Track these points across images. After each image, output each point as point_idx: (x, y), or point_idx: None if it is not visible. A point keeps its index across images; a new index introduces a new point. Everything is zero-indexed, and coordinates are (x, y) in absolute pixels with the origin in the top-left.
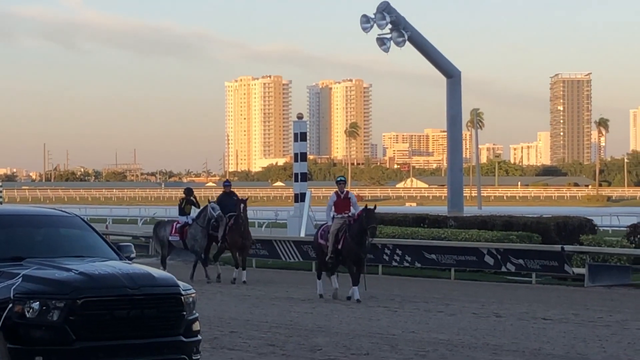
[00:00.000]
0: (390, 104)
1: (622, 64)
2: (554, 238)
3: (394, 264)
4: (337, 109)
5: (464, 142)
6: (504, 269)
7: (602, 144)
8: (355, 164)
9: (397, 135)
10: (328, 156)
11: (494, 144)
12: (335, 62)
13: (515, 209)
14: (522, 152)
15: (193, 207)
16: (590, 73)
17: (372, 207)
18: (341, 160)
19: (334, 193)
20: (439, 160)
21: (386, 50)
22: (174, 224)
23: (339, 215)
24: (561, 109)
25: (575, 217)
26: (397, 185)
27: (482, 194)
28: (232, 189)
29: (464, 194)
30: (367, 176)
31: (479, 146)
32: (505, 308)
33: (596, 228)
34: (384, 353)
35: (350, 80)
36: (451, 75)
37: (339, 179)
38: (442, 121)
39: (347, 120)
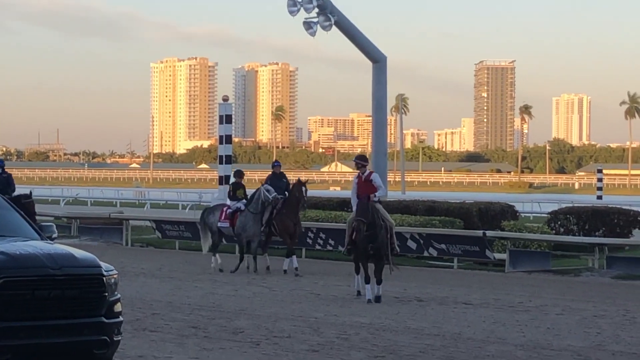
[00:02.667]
0: (316, 87)
1: (545, 52)
2: (476, 223)
3: (318, 247)
4: (263, 92)
5: (388, 127)
6: (426, 254)
7: (525, 131)
8: (280, 147)
9: (322, 119)
10: (253, 139)
11: (418, 130)
12: (262, 45)
13: (438, 194)
14: (446, 137)
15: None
16: (514, 61)
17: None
18: (266, 144)
19: (356, 176)
20: (364, 145)
21: (313, 34)
22: (224, 209)
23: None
24: (485, 95)
25: (497, 203)
26: (322, 169)
27: (405, 179)
28: (281, 170)
29: (388, 179)
30: (292, 160)
31: (404, 131)
32: (427, 292)
33: (517, 214)
34: (306, 336)
35: (277, 64)
36: (377, 60)
37: (357, 158)
38: (368, 106)
39: (272, 103)
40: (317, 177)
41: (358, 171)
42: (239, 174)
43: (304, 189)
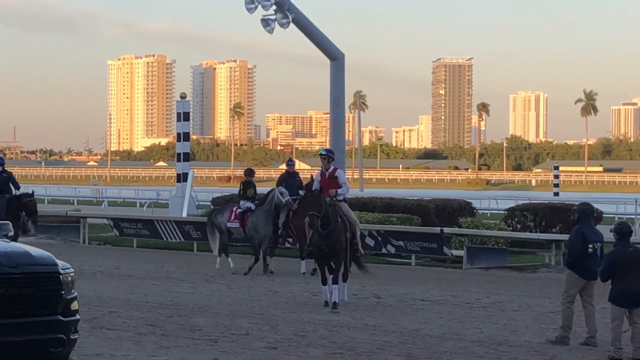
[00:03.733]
0: (274, 85)
1: (502, 50)
2: (433, 220)
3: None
4: (221, 89)
5: (346, 124)
6: (384, 251)
7: (483, 128)
8: (238, 144)
9: (280, 117)
10: (211, 136)
11: (376, 127)
12: (220, 42)
13: (396, 191)
14: (404, 135)
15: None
16: (472, 58)
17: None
18: (224, 141)
19: (319, 172)
20: (322, 142)
21: (270, 31)
22: (234, 209)
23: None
24: (443, 93)
25: (455, 200)
26: (280, 167)
27: (364, 176)
28: (295, 169)
29: (347, 176)
30: (250, 157)
31: (362, 129)
32: (385, 289)
33: (475, 211)
34: (264, 333)
35: (235, 61)
36: (335, 57)
37: (323, 152)
38: (326, 103)
39: (231, 100)
40: (276, 175)
41: (321, 167)
42: (250, 173)
43: None
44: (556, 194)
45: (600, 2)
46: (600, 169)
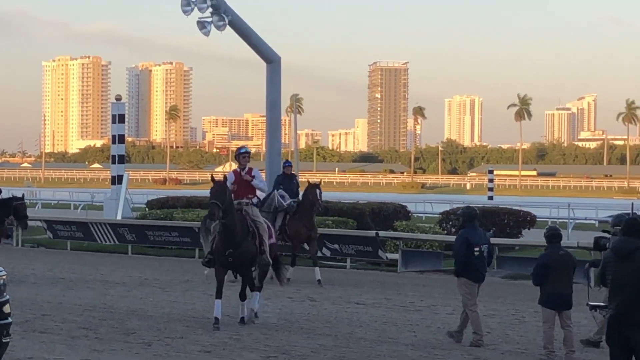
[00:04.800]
0: (210, 87)
1: (437, 54)
2: (369, 224)
3: None
4: (157, 91)
5: (283, 127)
6: (319, 254)
7: (418, 132)
8: (174, 147)
9: (216, 119)
10: (147, 139)
11: (312, 130)
12: (156, 44)
13: (332, 194)
14: (340, 138)
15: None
16: (408, 62)
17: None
18: (160, 143)
19: (232, 171)
20: (258, 145)
21: (207, 34)
22: None
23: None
24: (379, 96)
25: (390, 204)
26: (216, 169)
27: (300, 179)
28: (292, 171)
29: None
30: (186, 159)
31: (298, 132)
32: (320, 292)
33: (410, 214)
34: (198, 336)
35: (171, 63)
36: (271, 60)
37: (243, 150)
38: (262, 106)
39: (166, 103)
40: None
41: (237, 166)
42: None
43: (318, 191)
44: (490, 197)
45: (536, 7)
46: (534, 173)
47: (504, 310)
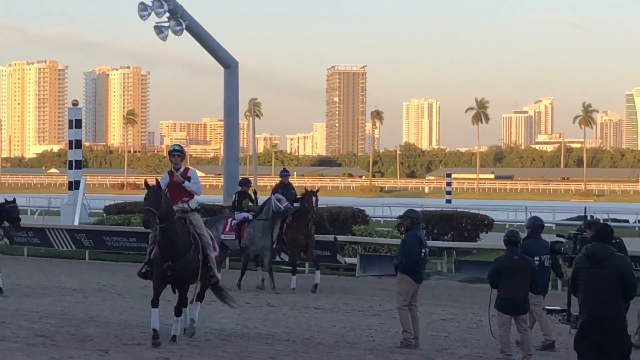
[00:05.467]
0: (168, 92)
1: (395, 58)
2: (327, 228)
3: None
4: (114, 96)
5: (241, 131)
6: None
7: (376, 135)
8: (132, 151)
9: (174, 124)
10: (104, 143)
11: (271, 134)
12: (113, 48)
13: None
14: (298, 142)
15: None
16: (366, 66)
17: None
18: (118, 148)
19: (166, 172)
20: (217, 149)
21: (164, 38)
22: (228, 220)
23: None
24: (337, 100)
25: (349, 208)
26: None
27: (258, 184)
28: (289, 180)
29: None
30: (144, 164)
31: (257, 136)
32: (278, 297)
33: (368, 218)
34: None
35: (128, 68)
36: (229, 65)
37: (176, 147)
38: (220, 110)
39: (124, 107)
40: None
41: (171, 166)
42: (246, 183)
43: (314, 199)
44: (448, 201)
45: (493, 12)
46: (492, 176)
47: (462, 314)
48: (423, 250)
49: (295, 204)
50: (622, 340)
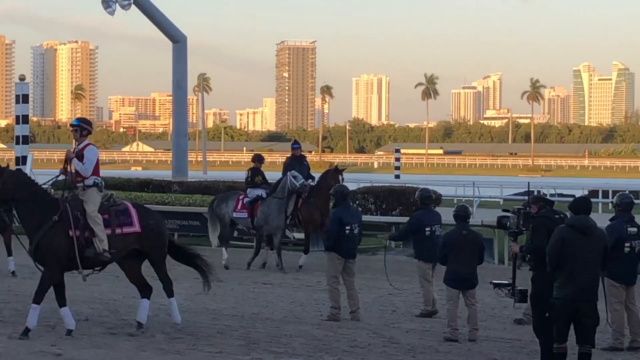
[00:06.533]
0: (117, 66)
1: (345, 33)
2: None
3: None
4: (62, 70)
5: (190, 106)
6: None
7: (326, 111)
8: None
9: (123, 99)
10: (52, 118)
11: (220, 109)
12: (61, 23)
13: (239, 174)
14: (248, 117)
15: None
16: (315, 41)
17: None
18: (66, 123)
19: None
20: (166, 125)
21: (112, 13)
22: (240, 197)
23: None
24: (287, 75)
25: None
26: (123, 149)
27: (207, 159)
28: (301, 152)
29: (190, 159)
30: (93, 139)
31: (206, 111)
32: (227, 273)
33: None
34: (104, 319)
35: (76, 42)
36: (177, 40)
37: (74, 122)
38: (169, 85)
39: (72, 82)
40: (119, 157)
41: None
42: (259, 159)
43: (340, 177)
44: (397, 176)
45: None
46: (441, 151)
47: (409, 289)
48: (348, 227)
49: (310, 181)
50: (596, 311)
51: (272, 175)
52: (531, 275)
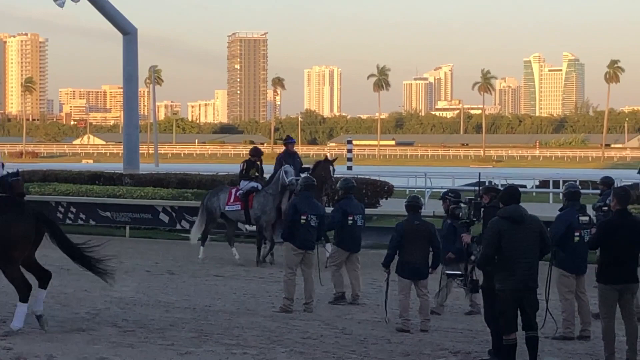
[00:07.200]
0: (67, 59)
1: (297, 25)
2: None
3: (68, 221)
4: (11, 63)
5: (141, 99)
6: (179, 227)
7: (278, 102)
8: (30, 119)
9: (74, 91)
10: (2, 111)
11: (172, 102)
12: (10, 15)
13: (191, 166)
14: (199, 109)
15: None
16: (267, 33)
17: None
18: (16, 116)
19: None
20: (117, 117)
21: (61, 5)
22: (232, 190)
23: None
24: (238, 67)
25: None
26: (74, 142)
27: (159, 152)
28: (294, 148)
29: (141, 152)
30: (43, 132)
31: (157, 103)
32: (179, 266)
33: None
34: (55, 312)
35: (26, 35)
36: (127, 32)
37: None
38: (120, 78)
39: (22, 75)
40: (69, 150)
41: None
42: (256, 153)
43: (331, 168)
44: (349, 167)
45: None
46: (393, 142)
47: (361, 279)
48: (304, 217)
49: (302, 174)
50: (536, 298)
51: (224, 167)
52: None
